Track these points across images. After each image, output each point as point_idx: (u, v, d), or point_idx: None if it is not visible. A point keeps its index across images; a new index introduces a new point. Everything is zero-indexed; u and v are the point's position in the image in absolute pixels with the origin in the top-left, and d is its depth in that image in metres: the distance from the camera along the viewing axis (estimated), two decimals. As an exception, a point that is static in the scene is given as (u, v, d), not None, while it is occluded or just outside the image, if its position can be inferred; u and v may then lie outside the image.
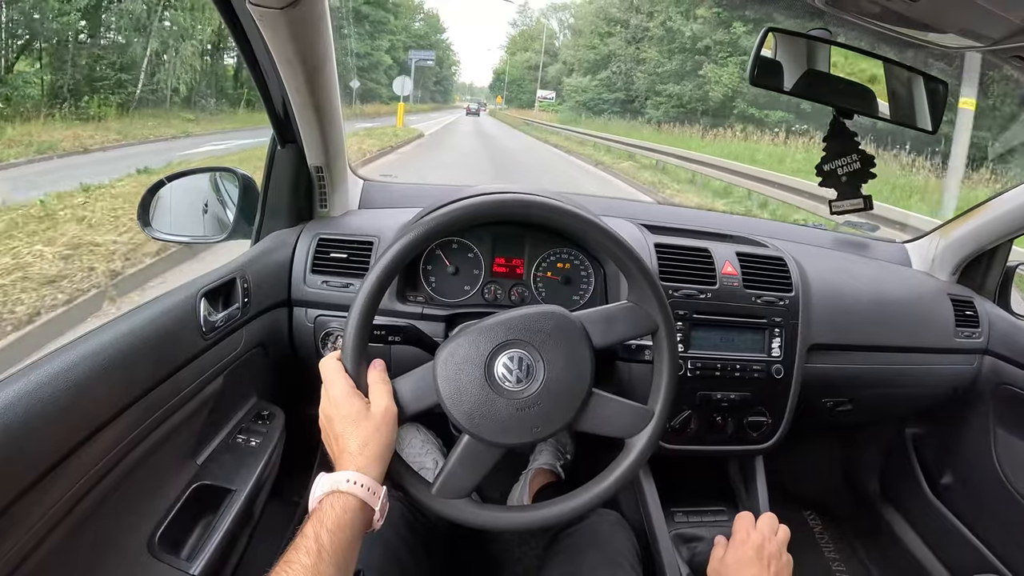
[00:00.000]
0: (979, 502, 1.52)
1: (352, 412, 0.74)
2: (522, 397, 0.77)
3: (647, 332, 0.86)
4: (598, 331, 0.82)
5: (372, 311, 0.78)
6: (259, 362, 1.14)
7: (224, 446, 1.03)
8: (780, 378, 1.20)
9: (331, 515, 0.66)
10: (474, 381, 0.77)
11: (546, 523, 0.82)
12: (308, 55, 0.94)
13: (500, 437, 0.77)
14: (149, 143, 11.92)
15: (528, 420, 0.77)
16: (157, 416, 0.82)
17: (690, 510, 1.26)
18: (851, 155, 1.06)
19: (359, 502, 0.69)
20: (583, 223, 0.84)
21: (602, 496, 0.82)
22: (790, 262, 1.26)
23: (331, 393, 0.76)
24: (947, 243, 1.55)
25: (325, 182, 1.24)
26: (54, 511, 0.65)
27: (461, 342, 0.79)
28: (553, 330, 0.80)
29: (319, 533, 0.64)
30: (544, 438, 0.79)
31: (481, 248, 1.18)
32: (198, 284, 0.96)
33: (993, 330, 1.49)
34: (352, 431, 0.73)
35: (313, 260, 1.18)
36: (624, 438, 0.84)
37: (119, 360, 0.75)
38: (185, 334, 0.90)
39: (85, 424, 0.69)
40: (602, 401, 0.82)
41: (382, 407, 0.75)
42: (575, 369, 0.79)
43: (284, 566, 0.61)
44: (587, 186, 11.09)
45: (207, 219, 1.29)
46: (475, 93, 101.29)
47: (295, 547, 0.64)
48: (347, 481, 0.69)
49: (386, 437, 0.74)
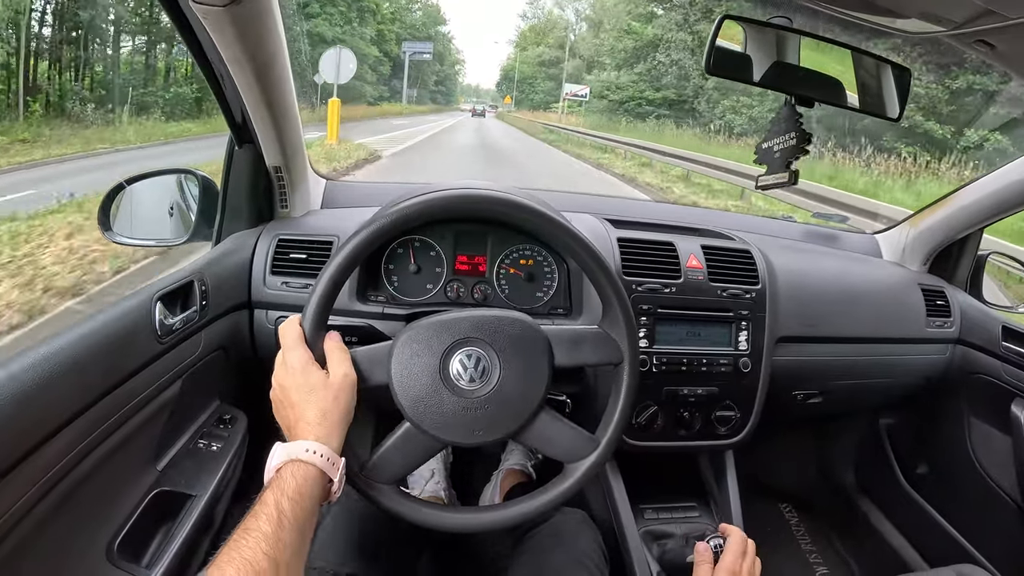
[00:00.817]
0: (954, 491, 1.52)
1: (310, 381, 0.73)
2: (471, 397, 0.77)
3: (611, 362, 0.85)
4: (562, 350, 0.81)
5: (340, 283, 0.77)
6: (220, 365, 1.13)
7: (185, 451, 1.02)
8: (748, 371, 1.20)
9: (292, 484, 0.65)
10: (427, 370, 0.77)
11: (461, 528, 0.81)
12: (256, 52, 0.92)
13: (441, 432, 0.77)
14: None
15: (472, 421, 0.77)
16: (112, 422, 0.81)
17: (660, 507, 1.25)
18: (791, 133, 1.06)
19: (318, 472, 0.68)
20: (567, 235, 0.83)
21: (526, 514, 0.82)
22: (756, 254, 1.26)
23: (288, 360, 0.74)
24: (917, 233, 1.55)
25: (284, 182, 1.22)
26: (4, 520, 0.64)
27: (423, 329, 0.78)
28: (517, 337, 0.79)
29: (279, 501, 0.63)
30: (483, 443, 0.79)
31: (443, 246, 1.17)
32: (154, 288, 0.94)
33: (965, 319, 1.49)
34: (310, 400, 0.71)
35: (273, 261, 1.16)
36: (563, 462, 0.83)
37: (69, 367, 0.73)
38: (139, 339, 0.88)
39: (33, 433, 0.67)
40: (549, 420, 0.81)
41: (340, 374, 0.74)
42: (530, 381, 0.79)
43: (243, 533, 0.60)
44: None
45: (172, 222, 1.28)
46: (481, 95, 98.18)
47: (254, 514, 0.62)
48: (306, 451, 0.68)
49: (345, 405, 0.73)
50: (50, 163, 9.51)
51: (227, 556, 0.58)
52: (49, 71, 12.33)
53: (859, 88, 1.13)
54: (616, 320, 0.84)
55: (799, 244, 1.53)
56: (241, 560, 0.57)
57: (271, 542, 0.59)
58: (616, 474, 1.23)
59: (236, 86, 1.01)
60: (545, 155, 17.73)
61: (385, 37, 41.88)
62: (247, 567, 0.57)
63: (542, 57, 55.36)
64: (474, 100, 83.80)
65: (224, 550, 0.59)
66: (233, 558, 0.57)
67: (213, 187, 1.22)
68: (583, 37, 48.07)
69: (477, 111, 56.20)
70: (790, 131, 1.07)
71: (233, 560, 0.57)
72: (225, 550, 0.59)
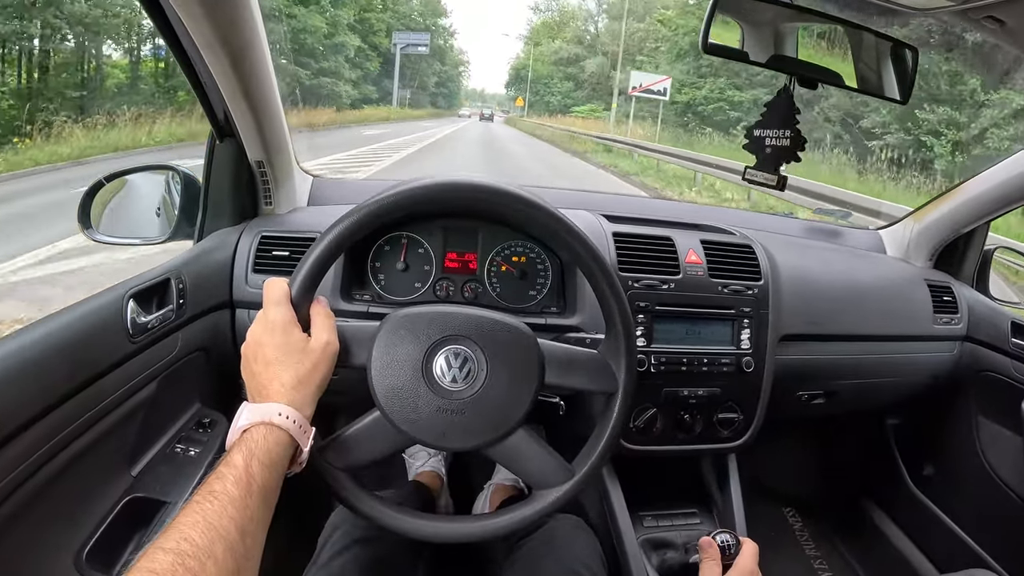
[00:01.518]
0: (963, 493, 1.49)
1: (290, 342, 0.68)
2: (450, 398, 0.72)
3: (604, 392, 0.80)
4: (554, 369, 0.77)
5: (339, 248, 0.74)
6: (201, 367, 1.09)
7: (161, 456, 0.98)
8: (751, 371, 1.15)
9: (263, 446, 0.61)
10: (409, 361, 0.73)
11: (414, 533, 0.77)
12: (230, 36, 0.88)
13: (410, 428, 0.72)
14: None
15: (445, 424, 0.73)
16: (79, 424, 0.77)
17: (659, 513, 1.21)
18: (786, 130, 1.02)
19: (289, 438, 0.63)
20: (580, 244, 0.78)
21: (471, 535, 0.78)
22: (758, 249, 1.22)
23: (270, 316, 0.69)
24: (921, 228, 1.51)
25: (268, 178, 1.18)
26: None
27: (414, 318, 0.74)
28: (510, 345, 0.75)
29: (249, 463, 0.58)
30: (451, 449, 0.75)
31: (432, 243, 1.13)
32: (127, 285, 0.91)
33: (972, 316, 1.46)
34: (286, 362, 0.67)
35: (255, 259, 1.12)
36: (532, 487, 0.79)
37: (30, 367, 0.70)
38: (109, 338, 0.84)
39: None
40: (526, 439, 0.76)
41: (323, 341, 0.70)
42: (514, 394, 0.74)
43: (208, 496, 0.55)
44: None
45: (156, 220, 1.24)
46: (487, 100, 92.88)
47: (219, 476, 0.57)
48: (279, 414, 0.63)
49: (323, 375, 0.69)
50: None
51: (190, 518, 0.52)
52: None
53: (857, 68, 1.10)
54: (617, 349, 0.79)
55: (802, 240, 1.49)
56: (206, 524, 0.52)
57: (238, 507, 0.55)
58: (614, 479, 1.18)
59: (213, 75, 0.97)
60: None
61: (373, 27, 35.59)
62: (213, 533, 0.52)
63: (559, 54, 46.13)
64: (479, 104, 78.17)
65: (186, 510, 0.54)
66: (197, 521, 0.52)
67: (195, 183, 1.18)
68: (609, 29, 39.02)
69: (485, 115, 50.66)
70: (785, 128, 1.03)
71: (198, 524, 0.52)
72: (187, 511, 0.53)
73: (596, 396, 0.83)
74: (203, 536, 0.51)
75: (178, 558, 0.49)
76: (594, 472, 0.79)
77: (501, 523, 0.78)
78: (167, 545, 0.50)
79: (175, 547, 0.49)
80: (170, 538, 0.50)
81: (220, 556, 0.51)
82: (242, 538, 0.54)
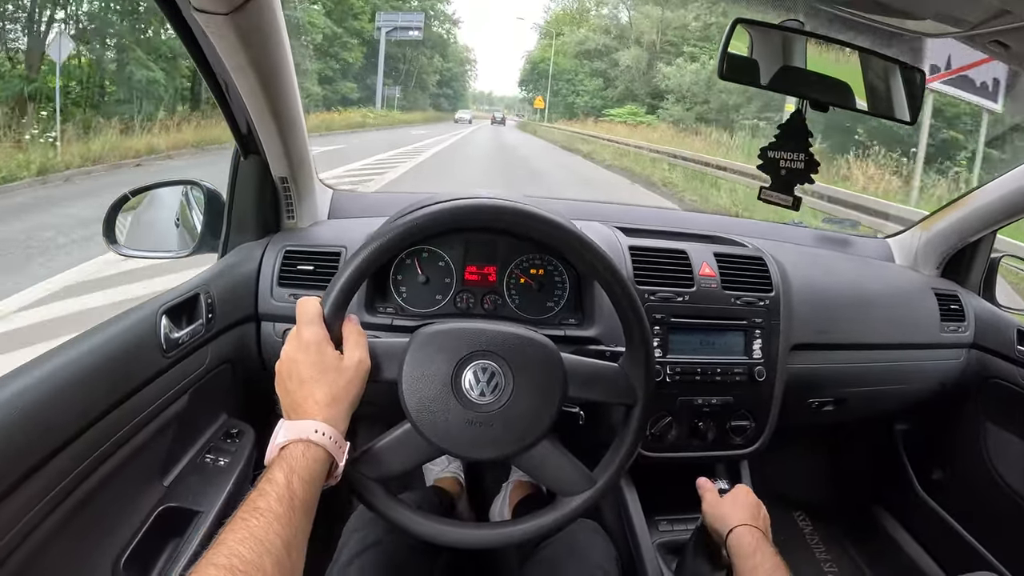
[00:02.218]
0: (971, 498, 1.50)
1: (324, 360, 0.70)
2: (478, 411, 0.75)
3: (624, 404, 0.83)
4: (577, 382, 0.79)
5: (370, 269, 0.76)
6: (228, 379, 1.12)
7: (192, 466, 1.00)
8: (762, 380, 1.18)
9: (302, 463, 0.63)
10: (439, 375, 0.75)
11: (440, 540, 0.79)
12: (260, 61, 0.91)
13: (440, 439, 0.75)
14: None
15: (473, 435, 0.75)
16: (118, 438, 0.80)
17: (675, 518, 1.23)
18: (800, 154, 1.05)
19: (326, 454, 0.66)
20: (603, 266, 0.80)
21: (512, 538, 0.80)
22: (769, 261, 1.24)
23: (303, 336, 0.71)
24: (929, 237, 1.53)
25: (291, 193, 1.21)
26: (9, 538, 0.63)
27: (443, 334, 0.77)
28: (535, 360, 0.77)
29: (291, 480, 0.60)
30: (480, 459, 0.78)
31: (452, 256, 1.15)
32: (159, 302, 0.93)
33: (979, 323, 1.48)
34: (321, 380, 0.69)
35: (280, 273, 1.15)
36: (556, 494, 0.82)
37: (74, 383, 0.72)
38: (145, 353, 0.87)
39: (38, 449, 0.66)
40: (550, 450, 0.79)
41: (356, 359, 0.72)
42: (539, 407, 0.77)
43: (252, 513, 0.57)
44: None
45: (179, 234, 1.27)
46: (494, 103, 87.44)
47: (262, 493, 0.59)
48: (315, 431, 0.65)
49: (356, 392, 0.71)
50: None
51: (238, 534, 0.54)
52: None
53: (867, 90, 1.12)
54: (638, 361, 0.82)
55: (811, 250, 1.51)
56: (254, 540, 0.54)
57: (283, 523, 0.57)
58: (630, 485, 1.21)
59: (241, 95, 1.00)
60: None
61: (353, 8, 28.86)
62: (261, 548, 0.54)
63: (584, 45, 36.83)
64: (487, 108, 72.83)
65: (233, 527, 0.55)
66: (245, 537, 0.54)
67: (219, 198, 1.20)
68: (646, 15, 31.03)
69: (496, 118, 46.07)
70: (799, 151, 1.06)
71: (246, 540, 0.54)
72: (234, 527, 0.55)
73: (616, 407, 0.86)
74: (252, 551, 0.53)
75: (230, 573, 0.51)
76: (615, 480, 0.82)
77: (524, 530, 0.80)
78: (218, 560, 0.52)
79: (226, 563, 0.51)
80: (220, 554, 0.52)
81: (269, 570, 0.53)
82: (288, 552, 0.56)
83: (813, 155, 1.04)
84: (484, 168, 14.88)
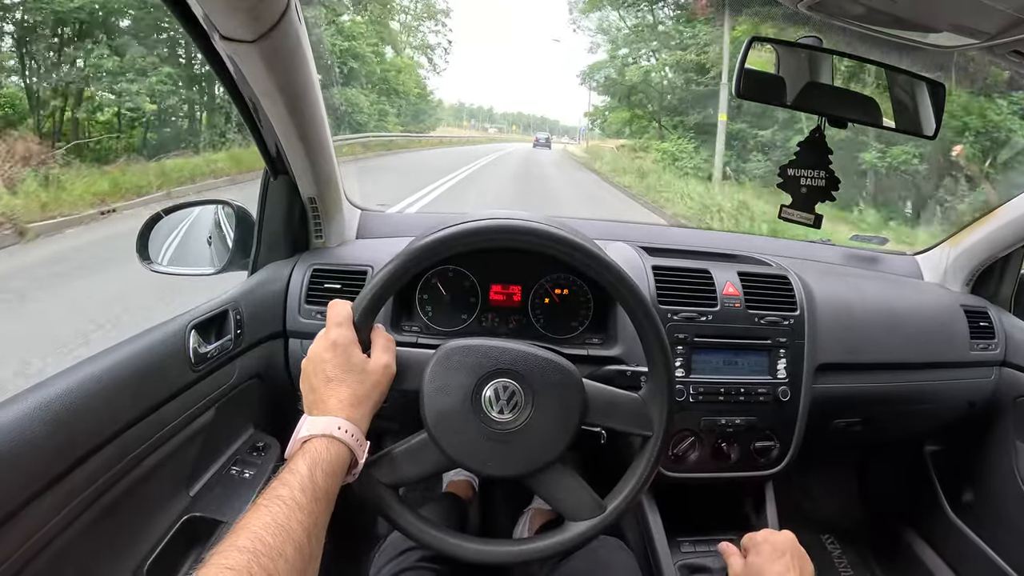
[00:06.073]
0: (1003, 521, 1.46)
1: (351, 361, 0.72)
2: (495, 428, 0.76)
3: (640, 434, 0.82)
4: (596, 409, 0.80)
5: (402, 279, 0.77)
6: (255, 393, 1.14)
7: (217, 478, 1.03)
8: (787, 401, 1.16)
9: (326, 457, 0.64)
10: (461, 389, 0.76)
11: (443, 550, 0.79)
12: (287, 85, 0.93)
13: (455, 452, 0.76)
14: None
15: (488, 451, 0.76)
16: (144, 448, 0.82)
17: (697, 539, 1.21)
18: (820, 171, 1.04)
19: (347, 451, 0.67)
20: (629, 293, 0.81)
21: (515, 557, 0.80)
22: (794, 280, 1.23)
23: (332, 336, 0.73)
24: (958, 252, 1.51)
25: (319, 212, 1.23)
26: (34, 541, 0.65)
27: (468, 349, 0.77)
28: (557, 385, 0.78)
29: (314, 472, 0.62)
30: (492, 476, 0.78)
31: (477, 276, 1.17)
32: (188, 316, 0.96)
33: (1010, 341, 1.45)
34: (346, 380, 0.70)
35: (307, 291, 1.17)
36: (564, 518, 0.82)
37: (102, 393, 0.75)
38: (174, 366, 0.89)
39: (64, 458, 0.69)
40: (562, 474, 0.80)
41: (382, 363, 0.73)
42: (555, 431, 0.77)
43: (275, 501, 0.57)
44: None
45: (210, 252, 1.30)
46: (495, 120, 79.94)
47: (284, 482, 0.60)
48: (338, 428, 0.67)
49: (379, 395, 0.73)
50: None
51: (261, 520, 0.55)
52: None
53: (894, 106, 1.12)
54: (659, 391, 0.82)
55: (838, 268, 1.49)
56: (276, 526, 0.55)
57: (306, 512, 0.58)
58: (652, 505, 1.20)
59: (269, 119, 1.02)
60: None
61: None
62: (284, 535, 0.55)
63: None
64: (494, 126, 65.88)
65: (256, 513, 0.56)
66: (268, 523, 0.55)
67: (249, 218, 1.23)
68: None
69: (540, 141, 38.68)
70: (819, 168, 1.06)
71: (269, 526, 0.55)
72: (257, 514, 0.56)
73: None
74: (275, 537, 0.54)
75: (253, 557, 0.51)
76: (624, 510, 0.81)
77: (527, 550, 0.81)
78: (242, 543, 0.52)
79: (249, 546, 0.52)
80: (243, 537, 0.53)
81: (291, 556, 0.54)
82: (308, 540, 0.57)
83: (834, 172, 1.04)
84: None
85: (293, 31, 0.84)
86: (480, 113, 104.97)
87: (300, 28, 0.87)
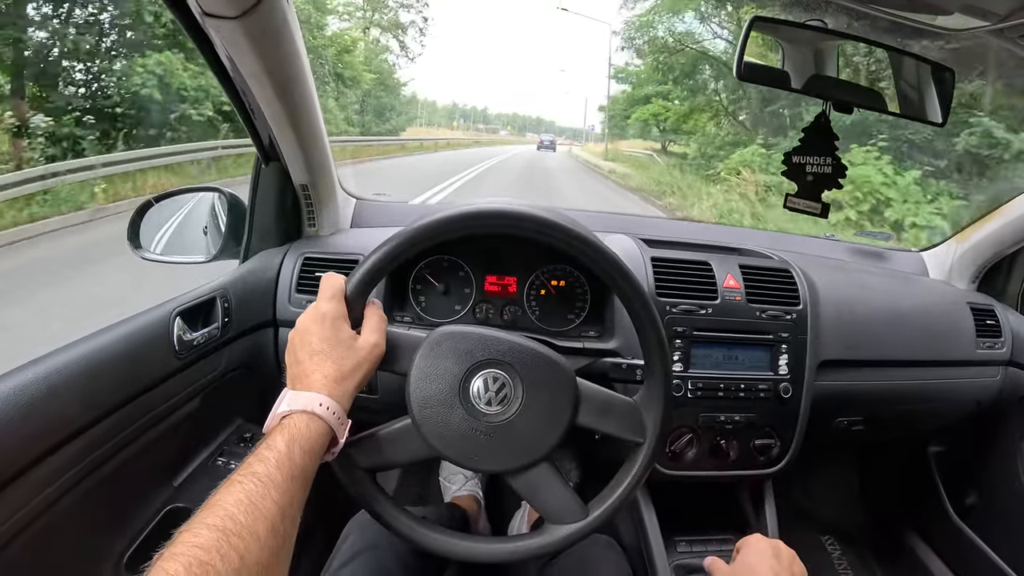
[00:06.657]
0: (1007, 523, 1.43)
1: (338, 336, 0.69)
2: (481, 420, 0.73)
3: (632, 440, 0.79)
4: (588, 410, 0.76)
5: (398, 257, 0.74)
6: (243, 384, 1.12)
7: (203, 468, 1.01)
8: (788, 397, 1.13)
9: (305, 434, 0.61)
10: (448, 377, 0.73)
11: (417, 542, 0.77)
12: (275, 67, 0.91)
13: (437, 442, 0.73)
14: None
15: (472, 444, 0.73)
16: (125, 436, 0.80)
17: (694, 539, 1.19)
18: (826, 158, 1.01)
19: (328, 429, 0.64)
20: (630, 287, 0.77)
21: (491, 556, 0.77)
22: (797, 274, 1.20)
23: (321, 308, 0.70)
24: (965, 249, 1.48)
25: (312, 200, 1.21)
26: (8, 526, 0.64)
27: (460, 336, 0.75)
28: (550, 381, 0.75)
29: (292, 449, 0.59)
30: (474, 469, 0.75)
31: (472, 266, 1.14)
32: (173, 303, 0.94)
33: (1017, 340, 1.42)
34: (332, 355, 0.68)
35: (298, 280, 1.15)
36: (545, 519, 0.79)
37: (80, 380, 0.73)
38: (156, 354, 0.88)
39: (39, 443, 0.67)
40: (547, 475, 0.76)
41: (371, 341, 0.71)
42: (545, 428, 0.75)
43: (249, 478, 0.55)
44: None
45: (202, 240, 1.28)
46: (491, 120, 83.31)
47: (261, 459, 0.57)
48: (320, 404, 0.64)
49: (365, 373, 0.70)
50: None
51: (234, 497, 0.53)
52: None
53: (899, 91, 1.09)
54: (654, 399, 0.79)
55: (842, 263, 1.47)
56: (250, 504, 0.53)
57: (281, 490, 0.56)
58: (648, 503, 1.17)
59: (259, 103, 1.00)
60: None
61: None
62: (257, 513, 0.52)
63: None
64: (485, 127, 63.94)
65: (229, 489, 0.54)
66: (241, 500, 0.53)
67: (241, 205, 1.21)
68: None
69: (545, 143, 37.84)
70: (826, 155, 1.03)
71: (241, 503, 0.52)
72: (229, 489, 0.54)
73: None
74: (247, 515, 0.52)
75: (223, 535, 0.49)
76: (608, 518, 0.78)
77: (506, 550, 0.78)
78: (212, 521, 0.50)
79: (220, 524, 0.50)
80: (214, 515, 0.51)
81: (263, 536, 0.52)
82: (282, 520, 0.55)
83: (840, 159, 1.01)
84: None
85: (280, 8, 0.82)
86: (474, 114, 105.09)
87: (287, 6, 0.84)
